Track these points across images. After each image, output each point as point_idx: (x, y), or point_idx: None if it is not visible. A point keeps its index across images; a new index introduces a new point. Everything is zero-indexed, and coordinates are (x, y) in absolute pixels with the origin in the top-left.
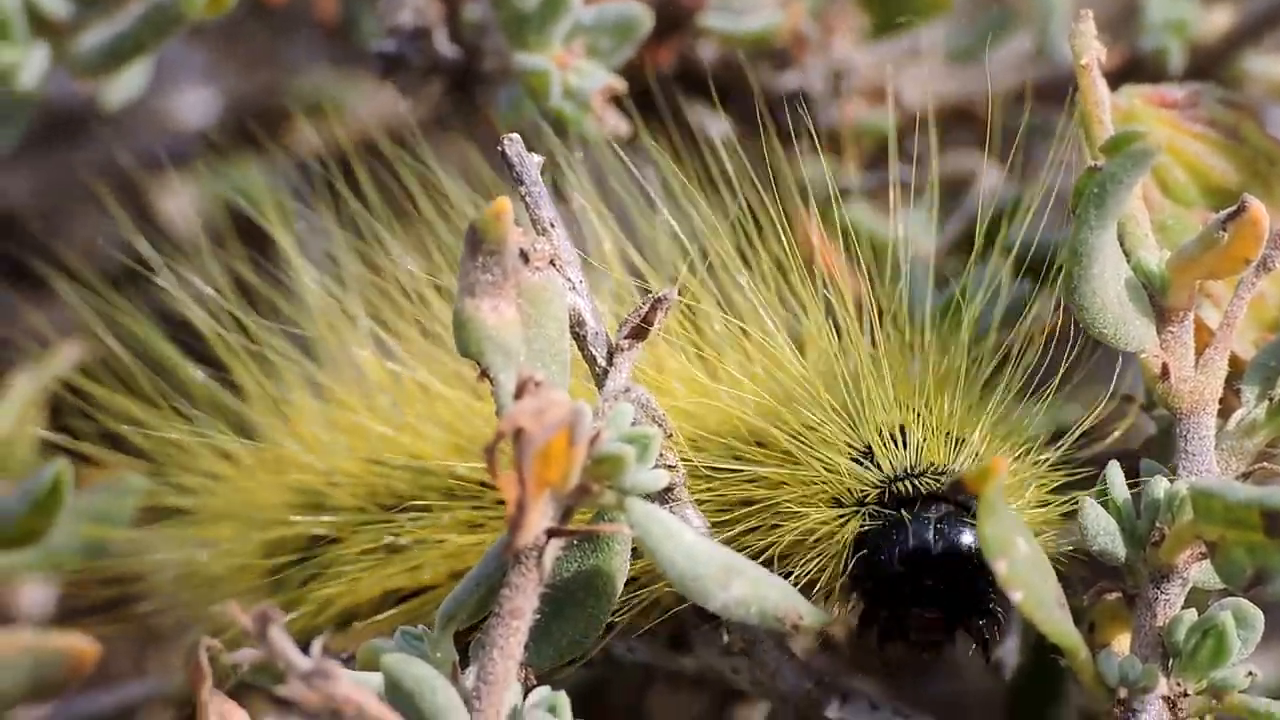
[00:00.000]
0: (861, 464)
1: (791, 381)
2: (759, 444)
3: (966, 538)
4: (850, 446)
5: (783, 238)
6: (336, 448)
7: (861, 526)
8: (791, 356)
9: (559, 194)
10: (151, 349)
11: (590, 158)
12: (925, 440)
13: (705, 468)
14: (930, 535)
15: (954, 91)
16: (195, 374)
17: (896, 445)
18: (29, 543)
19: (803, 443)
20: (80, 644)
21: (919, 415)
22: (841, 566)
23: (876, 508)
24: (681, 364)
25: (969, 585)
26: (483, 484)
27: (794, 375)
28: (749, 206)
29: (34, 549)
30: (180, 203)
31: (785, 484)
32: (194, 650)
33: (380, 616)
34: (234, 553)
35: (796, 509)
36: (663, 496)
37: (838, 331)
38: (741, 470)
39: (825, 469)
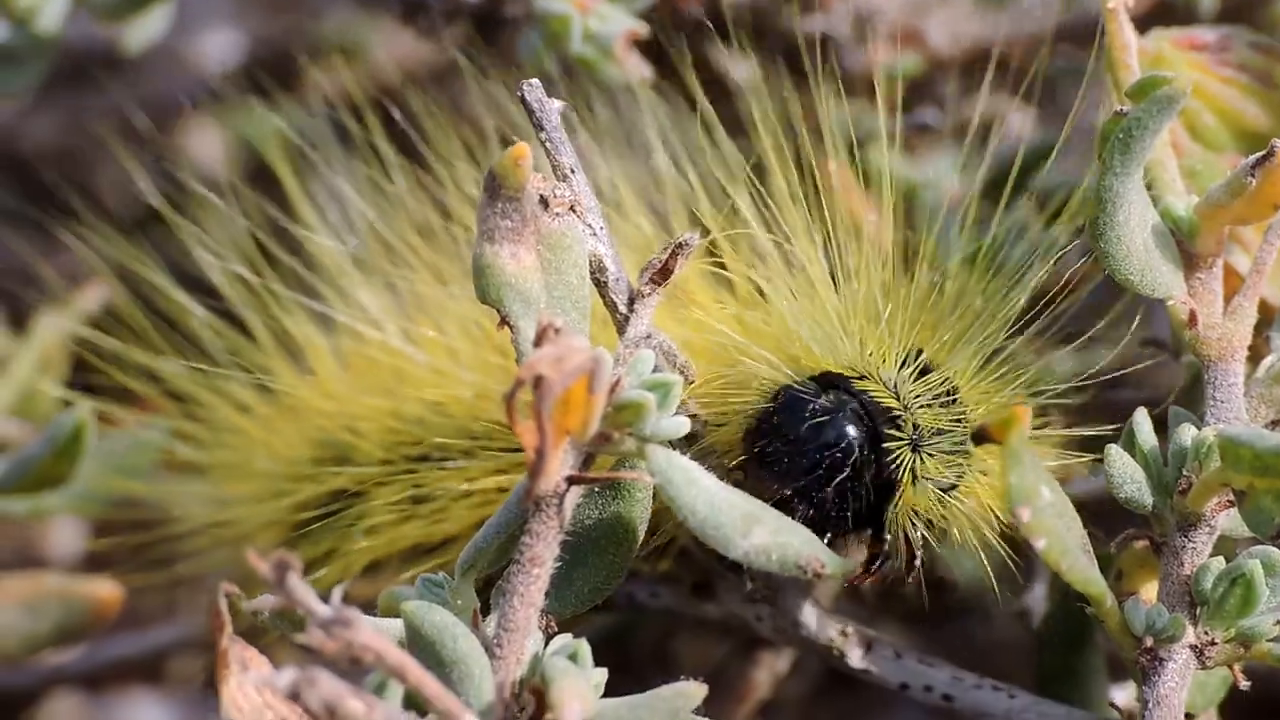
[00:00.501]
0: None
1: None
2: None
3: (849, 429)
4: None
5: (805, 180)
6: (357, 394)
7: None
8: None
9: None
10: (170, 296)
11: (612, 102)
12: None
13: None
14: (809, 405)
15: (982, 35)
16: (213, 322)
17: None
18: (53, 486)
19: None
20: (105, 589)
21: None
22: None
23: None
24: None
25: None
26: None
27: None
28: (773, 150)
29: (59, 493)
30: (204, 146)
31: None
32: (215, 598)
33: (408, 575)
34: (259, 509)
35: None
36: (683, 443)
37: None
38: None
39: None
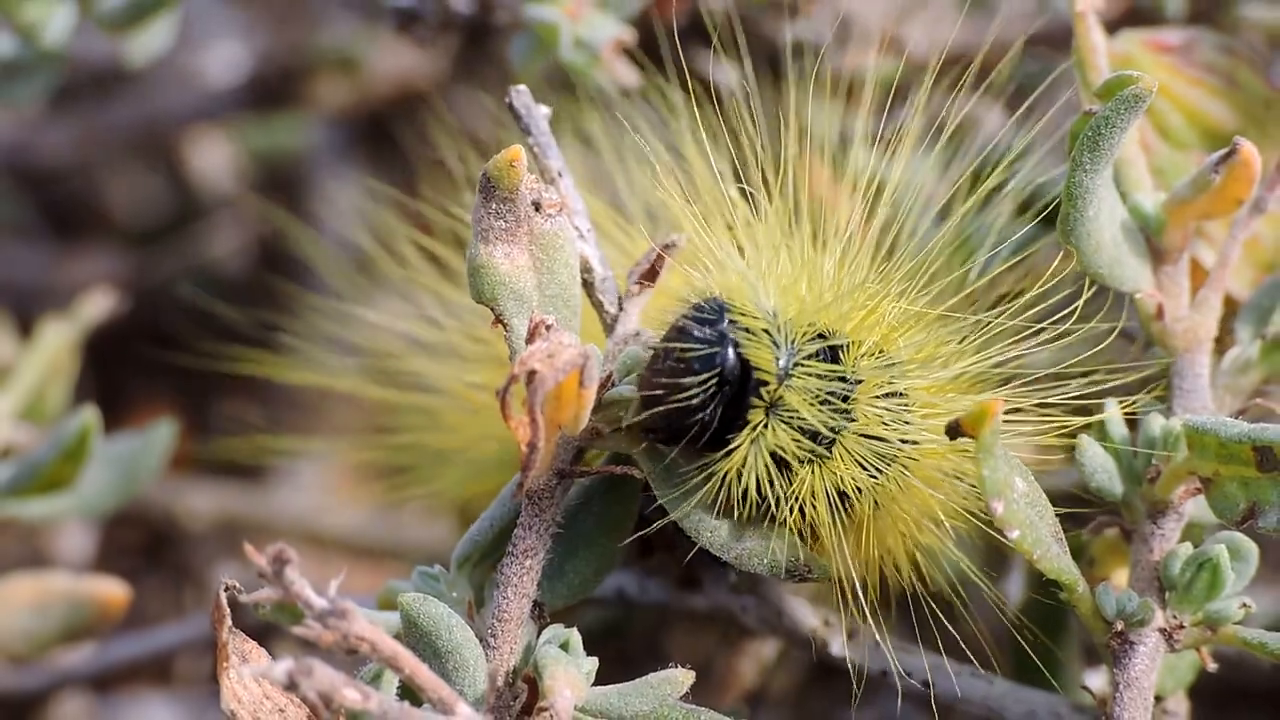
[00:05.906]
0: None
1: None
2: None
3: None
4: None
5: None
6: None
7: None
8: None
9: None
10: (186, 304)
11: (600, 107)
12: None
13: None
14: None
15: (960, 40)
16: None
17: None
18: (60, 489)
19: None
20: (112, 590)
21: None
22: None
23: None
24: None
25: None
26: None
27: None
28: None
29: (68, 495)
30: (212, 158)
31: None
32: (216, 591)
33: None
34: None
35: None
36: None
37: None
38: None
39: None
